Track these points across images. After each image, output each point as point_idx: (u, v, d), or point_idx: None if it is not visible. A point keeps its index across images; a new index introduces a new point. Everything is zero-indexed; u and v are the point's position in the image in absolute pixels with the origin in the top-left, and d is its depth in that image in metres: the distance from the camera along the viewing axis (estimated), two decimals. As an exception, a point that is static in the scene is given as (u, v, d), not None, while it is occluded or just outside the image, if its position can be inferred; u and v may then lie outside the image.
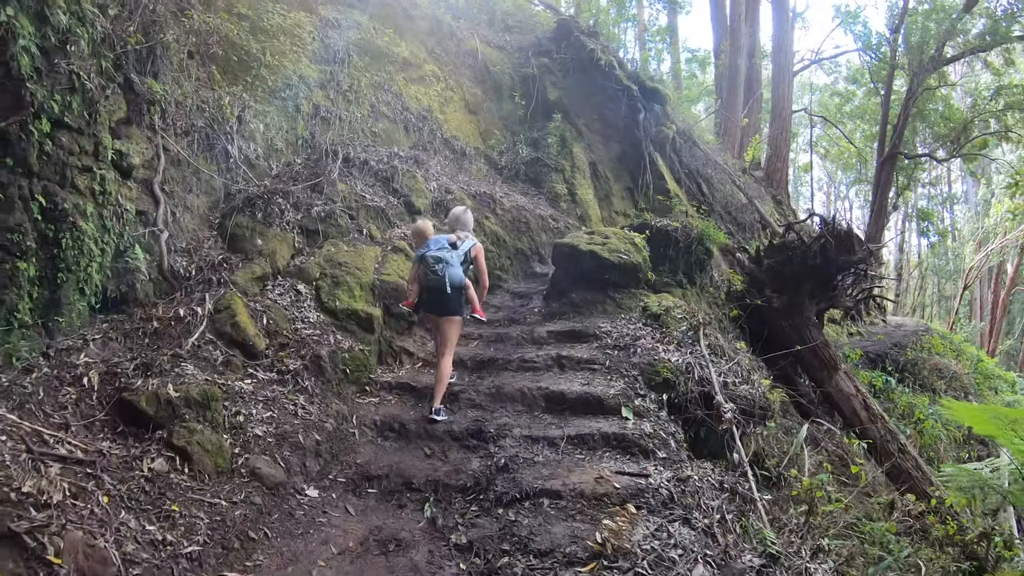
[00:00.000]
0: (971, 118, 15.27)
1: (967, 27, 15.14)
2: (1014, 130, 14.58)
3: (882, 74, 17.38)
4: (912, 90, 16.37)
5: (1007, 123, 14.66)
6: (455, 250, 5.87)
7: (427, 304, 5.87)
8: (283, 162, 8.43)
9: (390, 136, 10.36)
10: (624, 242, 7.56)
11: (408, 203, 8.56)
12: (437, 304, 5.76)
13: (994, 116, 14.69)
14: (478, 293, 6.25)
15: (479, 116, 13.21)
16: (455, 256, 5.81)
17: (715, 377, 6.25)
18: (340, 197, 7.97)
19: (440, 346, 5.84)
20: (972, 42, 15.36)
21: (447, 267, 5.66)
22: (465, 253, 5.98)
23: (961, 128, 15.29)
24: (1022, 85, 14.31)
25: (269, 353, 5.47)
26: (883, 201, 17.16)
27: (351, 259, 6.94)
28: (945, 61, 15.96)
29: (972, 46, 15.18)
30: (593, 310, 7.21)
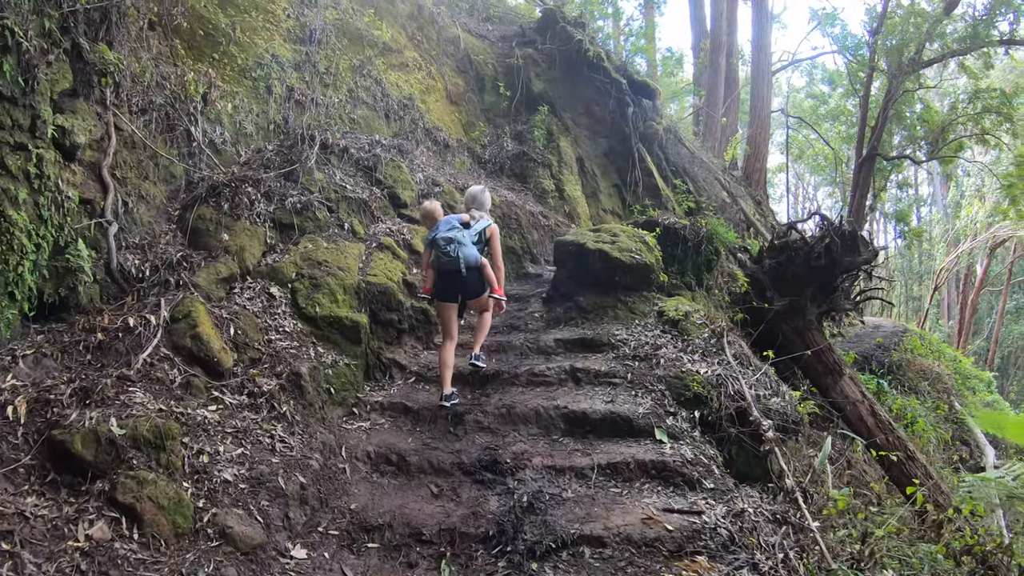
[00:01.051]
0: (949, 121, 15.03)
1: (946, 30, 14.88)
2: (991, 133, 14.41)
3: (860, 76, 17.08)
4: (891, 92, 16.06)
5: (984, 126, 14.48)
6: (467, 229, 5.34)
7: (443, 290, 5.29)
8: (253, 148, 7.42)
9: (370, 124, 9.38)
10: (635, 240, 6.76)
11: (393, 195, 7.60)
12: (455, 288, 5.25)
13: (972, 119, 14.49)
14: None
15: (461, 107, 12.31)
16: (467, 235, 5.29)
17: (748, 390, 5.52)
18: (318, 187, 6.98)
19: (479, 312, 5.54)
20: (950, 46, 15.12)
21: (460, 247, 5.14)
22: (479, 233, 5.44)
23: (939, 131, 15.05)
24: (1000, 89, 14.13)
25: (238, 371, 4.47)
26: (861, 202, 16.85)
27: (332, 258, 5.97)
28: (924, 64, 15.68)
29: (951, 50, 14.94)
30: (603, 315, 6.39)
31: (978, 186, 18.96)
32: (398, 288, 6.00)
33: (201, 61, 7.23)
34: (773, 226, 18.59)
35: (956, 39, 15.11)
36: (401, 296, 5.98)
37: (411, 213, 7.53)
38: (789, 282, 9.39)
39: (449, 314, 5.36)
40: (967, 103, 14.60)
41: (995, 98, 14.37)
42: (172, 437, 3.51)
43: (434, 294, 5.36)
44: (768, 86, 19.03)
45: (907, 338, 14.24)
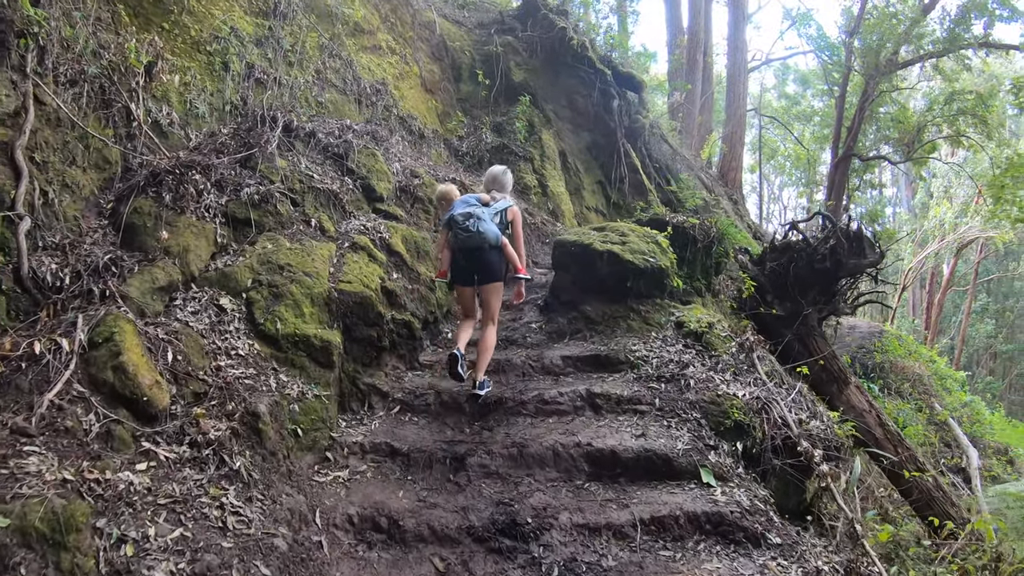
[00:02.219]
0: (924, 123, 14.71)
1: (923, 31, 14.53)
2: (966, 135, 14.14)
3: (836, 76, 16.67)
4: (867, 93, 15.67)
5: (959, 128, 14.19)
6: (486, 208, 4.82)
7: (460, 272, 4.79)
8: (205, 131, 6.26)
9: (339, 109, 8.24)
10: (647, 241, 5.85)
11: (367, 187, 6.49)
12: (472, 269, 4.73)
13: (947, 121, 14.19)
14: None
15: (437, 96, 11.23)
16: (487, 212, 4.78)
17: (790, 415, 4.68)
18: (279, 176, 5.86)
19: (483, 319, 4.85)
20: (925, 48, 14.79)
21: (479, 222, 4.64)
22: (500, 213, 4.92)
23: (915, 132, 14.72)
24: (975, 91, 13.85)
25: (177, 411, 3.36)
26: (837, 203, 16.45)
27: (296, 260, 4.86)
28: (900, 65, 15.33)
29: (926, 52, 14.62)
30: (615, 327, 5.46)
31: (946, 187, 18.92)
32: (376, 297, 4.93)
33: (148, 30, 6.06)
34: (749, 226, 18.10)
35: (931, 41, 14.78)
36: (380, 307, 4.91)
37: (388, 208, 6.45)
38: (791, 285, 8.65)
39: (466, 296, 4.90)
40: (943, 105, 14.26)
41: (970, 100, 14.06)
42: (77, 529, 2.38)
43: (452, 277, 4.85)
44: (744, 85, 18.49)
45: (886, 339, 13.86)
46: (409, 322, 5.16)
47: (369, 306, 4.76)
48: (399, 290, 5.20)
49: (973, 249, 18.65)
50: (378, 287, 5.05)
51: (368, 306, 4.75)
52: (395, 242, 5.72)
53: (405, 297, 5.20)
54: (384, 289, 5.10)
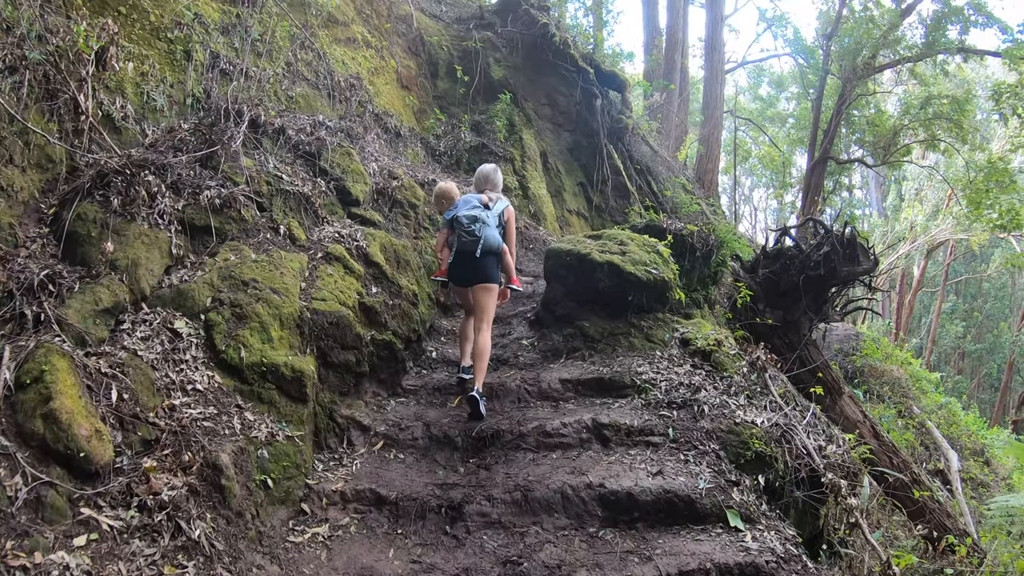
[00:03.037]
0: (900, 126, 14.68)
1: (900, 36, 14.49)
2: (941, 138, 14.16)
3: (812, 79, 16.57)
4: (844, 96, 15.59)
5: (934, 132, 14.20)
6: (488, 210, 4.74)
7: (458, 273, 4.72)
8: (163, 127, 5.64)
9: (310, 103, 7.62)
10: (647, 251, 5.41)
11: (342, 189, 5.90)
12: (470, 272, 4.64)
13: (923, 124, 14.18)
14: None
15: (413, 92, 10.66)
16: (491, 216, 4.70)
17: (810, 443, 4.30)
18: (244, 177, 5.27)
19: (477, 320, 4.68)
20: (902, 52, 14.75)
21: (484, 227, 4.59)
22: (499, 215, 4.84)
23: (891, 135, 14.68)
24: (951, 95, 13.86)
25: (123, 465, 2.78)
26: (813, 205, 16.36)
27: (263, 275, 4.28)
28: (877, 68, 15.28)
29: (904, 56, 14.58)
30: (615, 345, 5.00)
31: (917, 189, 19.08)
32: (354, 316, 4.38)
33: (102, 13, 5.43)
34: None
35: (907, 46, 14.75)
36: (359, 327, 4.36)
37: (365, 212, 5.88)
38: (783, 293, 8.36)
39: (466, 296, 4.82)
40: (919, 108, 14.23)
41: (946, 104, 14.06)
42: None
43: (449, 278, 4.80)
44: (721, 86, 18.27)
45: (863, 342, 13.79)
46: (390, 343, 4.61)
47: (346, 327, 4.20)
48: (379, 306, 4.65)
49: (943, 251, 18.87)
50: (356, 304, 4.49)
51: (345, 327, 4.19)
52: (373, 251, 5.16)
53: (386, 314, 4.66)
54: (363, 306, 4.55)
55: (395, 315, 4.77)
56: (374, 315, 4.58)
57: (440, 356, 5.13)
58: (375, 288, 4.77)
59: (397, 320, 4.76)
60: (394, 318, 4.73)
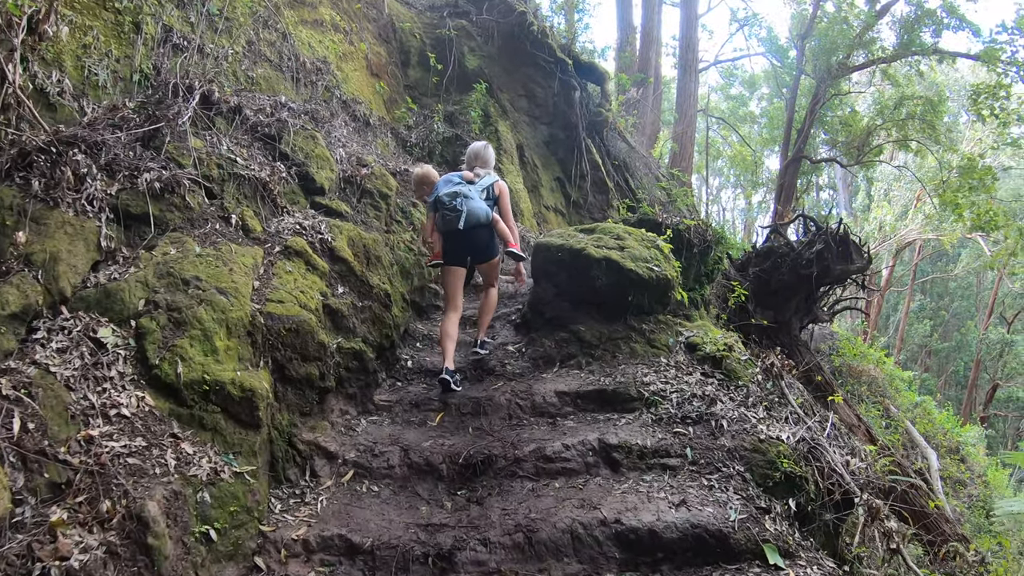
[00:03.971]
0: (874, 126, 14.55)
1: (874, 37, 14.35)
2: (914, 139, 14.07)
3: (786, 79, 16.37)
4: (818, 95, 15.41)
5: (907, 133, 14.10)
6: (472, 185, 4.54)
7: (452, 253, 4.51)
8: (105, 104, 4.86)
9: (273, 86, 6.84)
10: (646, 246, 4.83)
11: (304, 176, 5.16)
12: (464, 249, 4.48)
13: (896, 125, 14.07)
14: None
15: (383, 81, 9.93)
16: (474, 190, 4.50)
17: (837, 458, 3.80)
18: (192, 159, 4.52)
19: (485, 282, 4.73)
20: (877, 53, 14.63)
21: (467, 200, 4.39)
22: (487, 189, 4.63)
23: (864, 135, 14.54)
24: (924, 96, 13.77)
25: (23, 518, 2.05)
26: (787, 204, 16.14)
27: (209, 272, 3.54)
28: (851, 69, 15.13)
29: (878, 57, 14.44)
30: (615, 351, 4.39)
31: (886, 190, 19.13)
32: (317, 321, 3.66)
33: (38, -22, 4.59)
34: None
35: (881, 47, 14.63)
36: (323, 334, 3.64)
37: (330, 202, 5.15)
38: (773, 292, 7.92)
39: (455, 281, 4.54)
40: (893, 109, 14.10)
41: (919, 105, 13.95)
42: None
43: (444, 258, 4.55)
44: (695, 84, 17.94)
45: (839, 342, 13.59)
46: (360, 351, 3.90)
47: (308, 334, 3.49)
48: (346, 309, 3.94)
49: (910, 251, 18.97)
50: (319, 306, 3.77)
51: (306, 334, 3.48)
52: (340, 245, 4.44)
53: (354, 318, 3.95)
54: (327, 309, 3.83)
55: (365, 319, 4.07)
56: (340, 319, 3.87)
57: (417, 365, 4.44)
58: (341, 288, 4.06)
59: (367, 325, 4.06)
60: (364, 322, 4.03)
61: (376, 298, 4.24)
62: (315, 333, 3.51)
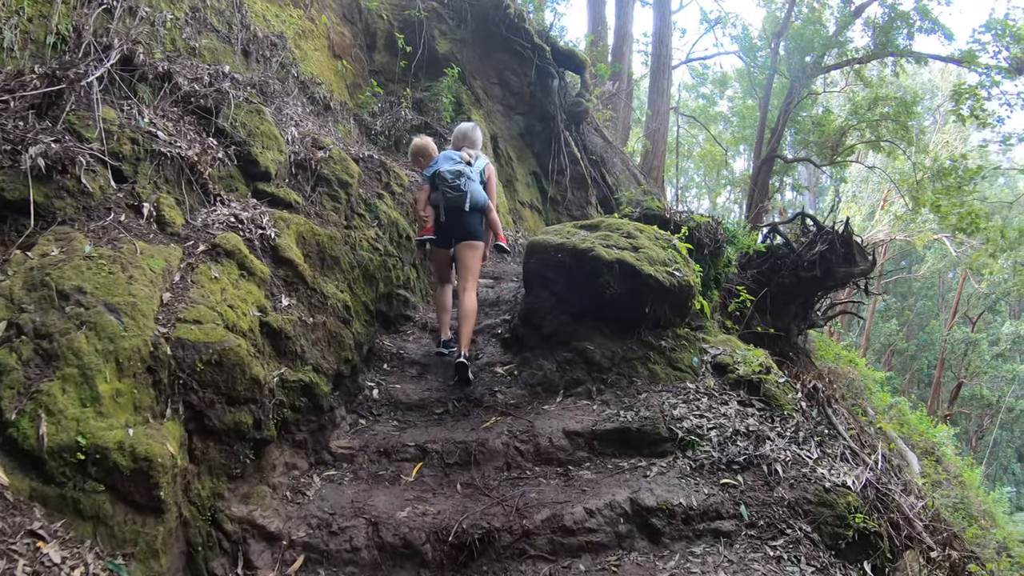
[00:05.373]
0: (847, 126, 14.16)
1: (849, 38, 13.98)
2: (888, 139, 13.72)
3: (760, 78, 15.87)
4: (792, 95, 14.94)
5: (880, 133, 13.75)
6: (470, 167, 4.24)
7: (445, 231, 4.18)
8: (9, 70, 3.76)
9: (218, 59, 5.69)
10: (662, 246, 3.96)
11: (246, 157, 4.06)
12: (454, 230, 4.16)
13: (869, 126, 13.70)
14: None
15: (347, 64, 8.85)
16: (474, 172, 4.25)
17: (903, 501, 3.03)
18: (98, 131, 3.46)
19: (461, 279, 4.19)
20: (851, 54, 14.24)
21: (469, 182, 4.10)
22: (480, 172, 4.38)
23: (838, 136, 14.14)
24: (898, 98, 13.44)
25: None
26: (760, 204, 15.66)
27: (98, 280, 2.49)
28: (826, 68, 14.70)
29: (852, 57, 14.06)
30: (631, 375, 3.50)
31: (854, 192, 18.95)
32: (250, 348, 2.64)
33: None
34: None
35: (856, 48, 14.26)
36: (257, 366, 2.61)
37: (277, 190, 4.08)
38: (773, 297, 7.20)
39: (443, 259, 4.37)
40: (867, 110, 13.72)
41: (893, 105, 13.59)
42: None
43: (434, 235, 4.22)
44: (668, 81, 17.28)
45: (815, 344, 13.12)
46: (310, 384, 2.88)
47: (236, 367, 2.47)
48: (292, 328, 2.93)
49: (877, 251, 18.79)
50: (254, 326, 2.75)
51: (234, 367, 2.46)
52: (286, 243, 3.40)
53: (303, 339, 2.94)
54: (266, 329, 2.81)
55: (317, 339, 3.06)
56: (284, 342, 2.85)
57: (385, 395, 3.46)
58: (287, 299, 3.03)
59: (320, 347, 3.06)
60: (316, 344, 3.03)
61: (332, 311, 3.23)
62: (246, 365, 2.50)
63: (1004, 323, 18.22)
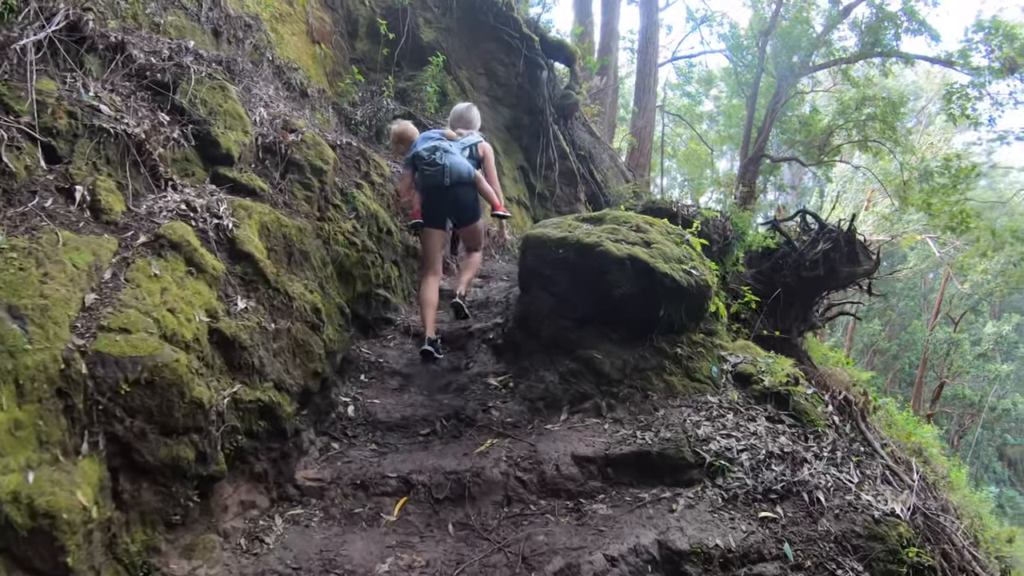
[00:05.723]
0: (834, 126, 13.96)
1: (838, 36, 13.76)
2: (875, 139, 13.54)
3: (747, 76, 15.59)
4: (779, 94, 14.68)
5: (866, 133, 13.57)
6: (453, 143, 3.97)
7: (430, 213, 3.92)
8: None
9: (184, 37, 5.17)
10: (675, 241, 3.52)
11: (206, 137, 3.50)
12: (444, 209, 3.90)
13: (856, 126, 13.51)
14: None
15: (326, 51, 8.29)
16: (455, 146, 3.96)
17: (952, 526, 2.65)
18: (31, 102, 2.92)
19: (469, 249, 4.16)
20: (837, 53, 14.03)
21: (447, 155, 3.84)
22: (470, 148, 4.08)
23: (826, 135, 13.92)
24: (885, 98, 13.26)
25: None
26: (746, 203, 15.40)
27: (2, 279, 1.97)
28: (813, 68, 14.47)
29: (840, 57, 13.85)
30: (647, 387, 3.05)
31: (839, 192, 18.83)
32: (191, 364, 2.10)
33: None
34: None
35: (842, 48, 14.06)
36: (201, 386, 2.09)
37: (240, 176, 3.53)
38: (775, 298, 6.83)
39: (435, 243, 4.01)
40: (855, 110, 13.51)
41: (880, 106, 13.39)
42: None
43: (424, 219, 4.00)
44: (655, 79, 16.90)
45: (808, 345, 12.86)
46: (271, 405, 2.37)
47: (173, 388, 1.94)
48: (249, 336, 2.40)
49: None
50: (201, 334, 2.22)
51: (170, 388, 1.94)
52: (245, 235, 2.86)
53: (262, 349, 2.42)
54: (217, 338, 2.29)
55: (281, 349, 2.54)
56: (239, 354, 2.33)
57: (362, 412, 2.95)
58: (244, 301, 2.51)
59: (284, 358, 2.54)
60: (279, 355, 2.51)
61: (299, 315, 2.72)
62: (185, 385, 1.98)
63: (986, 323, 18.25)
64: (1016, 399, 17.16)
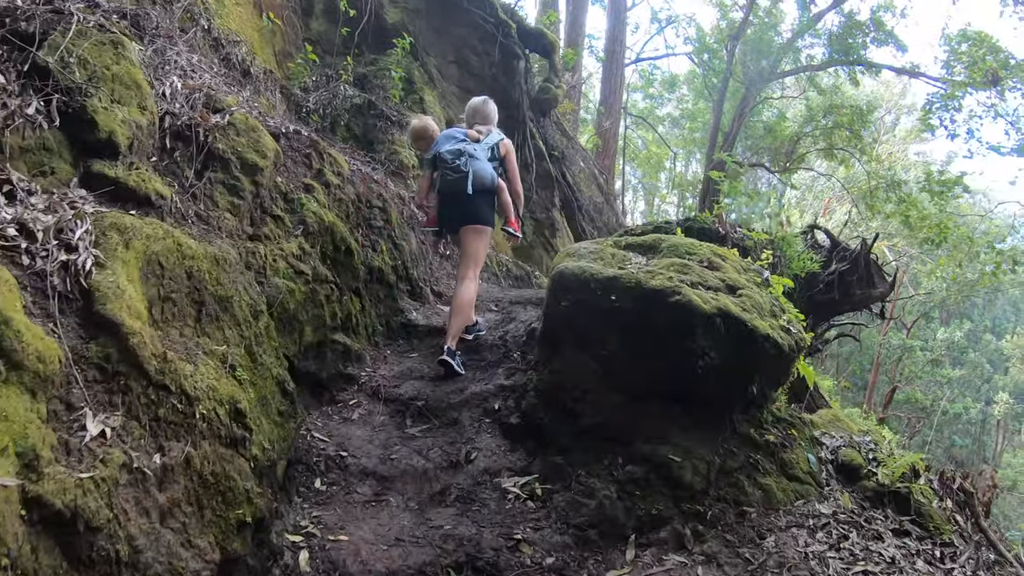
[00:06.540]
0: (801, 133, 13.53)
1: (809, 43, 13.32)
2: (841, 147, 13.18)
3: (714, 80, 14.96)
4: (746, 99, 14.12)
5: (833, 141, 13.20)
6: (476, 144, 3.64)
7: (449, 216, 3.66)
8: None
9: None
10: (755, 282, 2.54)
11: (76, 114, 2.26)
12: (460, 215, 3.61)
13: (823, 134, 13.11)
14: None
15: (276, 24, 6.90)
16: (480, 149, 3.65)
17: None
18: None
19: (460, 267, 3.63)
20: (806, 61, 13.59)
21: (472, 160, 3.52)
22: (492, 148, 3.75)
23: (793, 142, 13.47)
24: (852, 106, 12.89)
25: None
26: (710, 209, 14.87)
27: None
28: (781, 74, 13.97)
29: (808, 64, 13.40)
30: (741, 498, 2.00)
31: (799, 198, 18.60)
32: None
33: None
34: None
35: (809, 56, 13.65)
36: None
37: (127, 176, 2.26)
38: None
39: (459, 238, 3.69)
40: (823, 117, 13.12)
41: (846, 115, 13.01)
42: None
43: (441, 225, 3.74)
44: (621, 80, 16.07)
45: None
46: None
47: None
48: (107, 502, 1.18)
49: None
50: (4, 514, 1.04)
51: None
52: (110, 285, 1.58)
53: (133, 524, 1.21)
54: (38, 515, 1.09)
55: (172, 506, 1.34)
56: (81, 542, 1.14)
57: (323, 565, 1.78)
58: (99, 420, 1.30)
59: (180, 522, 1.29)
60: (168, 519, 1.29)
61: (206, 428, 1.53)
62: None
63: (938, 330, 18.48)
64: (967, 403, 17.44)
